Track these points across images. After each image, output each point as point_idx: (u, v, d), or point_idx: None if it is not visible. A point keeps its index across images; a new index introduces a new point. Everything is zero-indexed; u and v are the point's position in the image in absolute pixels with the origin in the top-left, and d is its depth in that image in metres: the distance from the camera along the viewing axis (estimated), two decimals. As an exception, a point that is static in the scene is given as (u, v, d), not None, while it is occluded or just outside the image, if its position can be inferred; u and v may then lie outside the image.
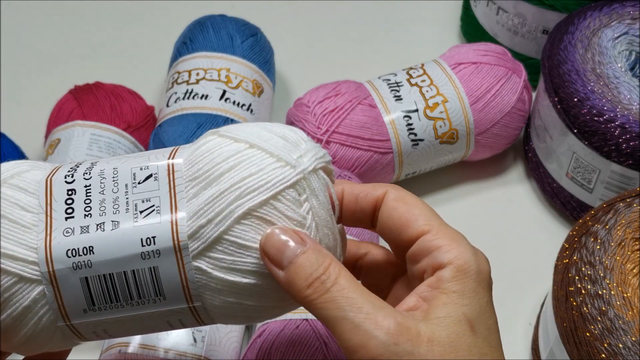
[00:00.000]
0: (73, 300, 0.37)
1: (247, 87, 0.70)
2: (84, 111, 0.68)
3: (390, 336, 0.34)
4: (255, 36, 0.75)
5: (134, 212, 0.37)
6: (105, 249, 0.37)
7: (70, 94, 0.71)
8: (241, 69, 0.71)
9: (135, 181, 0.38)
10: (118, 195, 0.38)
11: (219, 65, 0.70)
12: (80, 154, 0.65)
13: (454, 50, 0.73)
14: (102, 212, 0.37)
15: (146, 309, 0.38)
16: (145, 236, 0.37)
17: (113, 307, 0.38)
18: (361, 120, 0.67)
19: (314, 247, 0.36)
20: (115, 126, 0.68)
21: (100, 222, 0.37)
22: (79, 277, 0.37)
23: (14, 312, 0.37)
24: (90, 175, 0.39)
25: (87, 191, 0.38)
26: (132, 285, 0.37)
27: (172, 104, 0.69)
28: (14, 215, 0.37)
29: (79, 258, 0.37)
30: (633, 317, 0.52)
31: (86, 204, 0.38)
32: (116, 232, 0.37)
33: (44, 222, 0.37)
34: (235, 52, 0.72)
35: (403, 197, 0.40)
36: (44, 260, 0.37)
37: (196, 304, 0.38)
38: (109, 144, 0.66)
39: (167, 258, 0.37)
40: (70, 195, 0.38)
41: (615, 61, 0.67)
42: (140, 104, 0.71)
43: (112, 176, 0.38)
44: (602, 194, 0.66)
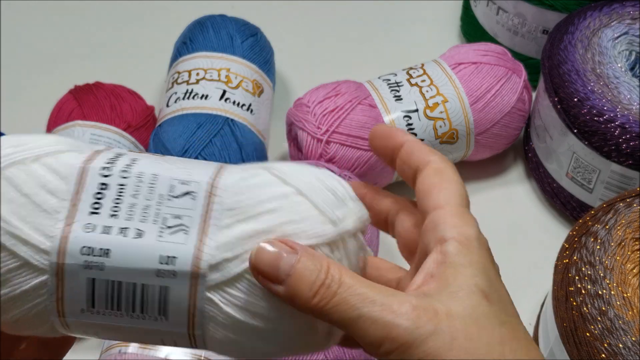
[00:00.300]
0: (73, 298, 0.36)
1: (247, 87, 0.70)
2: (84, 111, 0.68)
3: (411, 321, 0.34)
4: (255, 36, 0.75)
5: (162, 226, 0.36)
6: (122, 256, 0.35)
7: (70, 94, 0.71)
8: (241, 69, 0.71)
9: (171, 194, 0.36)
10: (150, 204, 0.36)
11: (219, 65, 0.70)
12: None
13: (454, 50, 0.73)
14: (129, 217, 0.36)
15: (144, 325, 0.37)
16: (166, 254, 0.35)
17: (112, 315, 0.36)
18: (361, 120, 0.67)
19: (306, 252, 0.35)
20: (115, 126, 0.68)
21: (125, 226, 0.36)
22: (87, 277, 0.36)
23: (10, 293, 0.36)
24: (129, 175, 0.37)
25: (120, 191, 0.36)
26: (138, 298, 0.36)
27: (172, 104, 0.69)
28: (39, 197, 0.36)
29: (93, 258, 0.35)
30: (633, 317, 0.52)
31: (115, 204, 0.36)
32: (137, 242, 0.35)
33: (67, 210, 0.36)
34: (235, 52, 0.72)
35: (443, 169, 0.40)
36: (57, 251, 0.35)
37: (197, 332, 0.37)
38: (109, 144, 0.66)
39: (181, 282, 0.35)
40: (102, 190, 0.36)
41: (615, 61, 0.67)
42: (140, 104, 0.71)
43: (150, 182, 0.37)
44: (602, 194, 0.66)
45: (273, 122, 0.75)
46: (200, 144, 0.65)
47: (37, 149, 0.37)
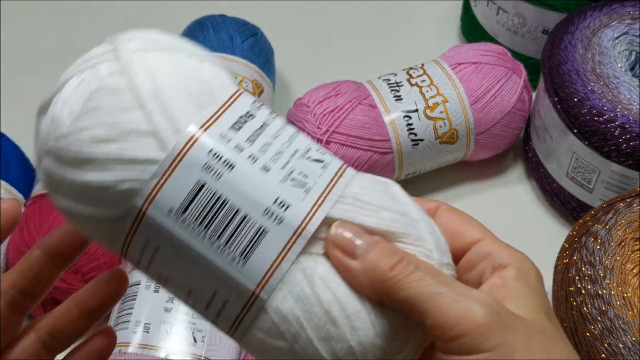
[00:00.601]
0: (172, 193, 0.34)
1: (247, 87, 0.70)
2: None
3: (492, 307, 0.33)
4: (255, 36, 0.75)
5: (287, 174, 0.35)
6: (242, 178, 0.34)
7: None
8: (241, 69, 0.71)
9: (306, 154, 0.36)
10: (284, 152, 0.36)
11: None
12: None
13: (454, 50, 0.73)
14: (261, 151, 0.35)
15: (216, 261, 0.34)
16: (282, 199, 0.34)
17: (194, 231, 0.34)
18: (361, 120, 0.67)
19: (382, 240, 0.35)
20: None
21: (255, 157, 0.35)
22: (199, 178, 0.34)
23: (119, 151, 0.34)
24: (273, 121, 0.37)
25: (263, 126, 0.36)
26: (232, 226, 0.34)
27: None
28: (196, 88, 0.35)
29: (216, 164, 0.34)
30: (633, 317, 0.52)
31: (254, 134, 0.35)
32: (262, 174, 0.34)
33: (209, 114, 0.35)
34: (235, 52, 0.72)
35: (455, 209, 0.40)
36: (186, 140, 0.34)
37: (263, 295, 0.34)
38: None
39: (282, 232, 0.34)
40: (247, 117, 0.36)
41: (615, 61, 0.67)
42: None
43: (290, 136, 0.36)
44: (602, 194, 0.66)
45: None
46: None
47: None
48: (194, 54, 0.37)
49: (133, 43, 0.36)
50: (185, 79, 0.36)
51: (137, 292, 0.58)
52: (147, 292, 0.58)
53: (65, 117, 0.35)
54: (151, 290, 0.58)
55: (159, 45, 0.37)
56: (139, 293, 0.58)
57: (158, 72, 0.35)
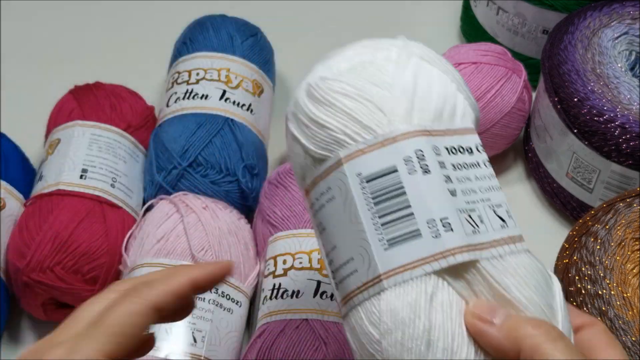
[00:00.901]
0: (368, 162, 0.39)
1: (247, 87, 0.70)
2: (84, 111, 0.68)
3: None
4: (255, 36, 0.75)
5: (467, 209, 0.39)
6: (429, 186, 0.38)
7: (70, 94, 0.71)
8: (241, 69, 0.71)
9: (494, 207, 0.40)
10: (476, 192, 0.40)
11: (219, 65, 0.70)
12: (81, 154, 0.65)
13: (454, 50, 0.73)
14: (459, 180, 0.40)
15: (369, 233, 0.38)
16: (449, 222, 0.38)
17: (366, 200, 0.39)
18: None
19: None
20: (115, 126, 0.67)
21: (451, 180, 0.39)
22: (395, 164, 0.39)
23: (351, 106, 0.40)
24: (486, 166, 0.41)
25: (473, 165, 0.41)
26: (396, 215, 0.38)
27: (172, 104, 0.69)
28: (449, 107, 0.41)
29: (416, 162, 0.39)
30: (633, 317, 0.52)
31: (462, 165, 0.40)
32: (446, 193, 0.39)
33: (441, 127, 0.40)
34: (235, 52, 0.72)
35: (610, 335, 0.41)
36: (406, 131, 0.39)
37: (384, 283, 0.37)
38: (109, 144, 0.66)
39: (431, 245, 0.37)
40: (466, 149, 0.41)
41: (615, 61, 0.67)
42: (140, 104, 0.71)
43: (491, 185, 0.41)
44: (602, 194, 0.66)
45: (273, 122, 0.75)
46: (200, 144, 0.65)
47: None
48: (459, 86, 0.43)
49: (419, 50, 0.43)
50: (440, 93, 0.41)
51: None
52: None
53: (335, 67, 0.42)
54: None
55: (433, 61, 0.43)
56: None
57: (422, 76, 0.41)
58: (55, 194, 0.62)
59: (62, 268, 0.59)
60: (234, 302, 0.60)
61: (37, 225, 0.61)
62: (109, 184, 0.64)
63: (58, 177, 0.63)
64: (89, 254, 0.60)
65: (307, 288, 0.57)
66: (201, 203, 0.62)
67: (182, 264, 0.57)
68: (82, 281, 0.60)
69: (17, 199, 0.65)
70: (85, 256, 0.60)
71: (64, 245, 0.60)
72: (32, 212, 0.62)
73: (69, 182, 0.63)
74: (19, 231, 0.62)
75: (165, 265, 0.59)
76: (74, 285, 0.60)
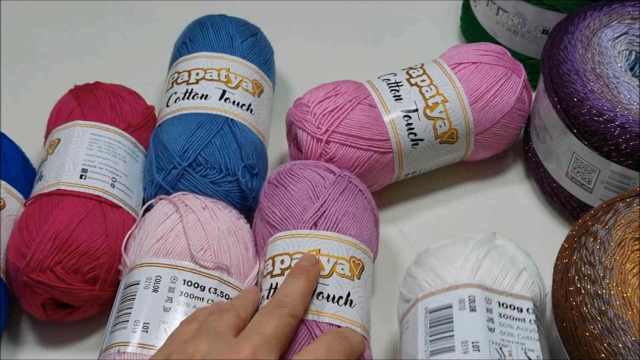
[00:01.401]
0: (433, 298, 0.56)
1: (247, 87, 0.70)
2: (84, 111, 0.68)
3: None
4: (255, 36, 0.75)
5: (498, 346, 0.52)
6: (471, 321, 0.53)
7: (70, 94, 0.71)
8: (241, 69, 0.71)
9: (525, 350, 0.53)
10: (513, 334, 0.53)
11: (219, 65, 0.70)
12: (81, 154, 0.65)
13: (454, 50, 0.73)
14: (500, 324, 0.54)
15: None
16: (478, 346, 0.52)
17: (423, 330, 0.55)
18: (361, 120, 0.67)
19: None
20: (115, 126, 0.68)
21: (493, 321, 0.53)
22: (451, 303, 0.55)
23: (440, 257, 0.58)
24: (532, 323, 0.55)
25: (518, 319, 0.54)
26: (440, 335, 0.54)
27: (172, 104, 0.69)
28: (525, 276, 0.57)
29: (466, 304, 0.54)
30: (633, 317, 0.52)
31: (508, 317, 0.54)
32: (485, 329, 0.53)
33: (499, 289, 0.56)
34: (235, 52, 0.72)
35: None
36: (468, 282, 0.56)
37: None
38: (109, 144, 0.66)
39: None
40: (517, 310, 0.55)
41: (615, 61, 0.67)
42: (140, 104, 0.71)
43: (530, 335, 0.54)
44: (602, 194, 0.66)
45: (273, 122, 0.75)
46: (200, 144, 0.65)
47: None
48: (527, 267, 0.58)
49: (500, 241, 0.59)
50: (502, 269, 0.56)
51: (136, 291, 0.58)
52: (146, 291, 0.57)
53: (435, 244, 0.61)
54: (150, 289, 0.58)
55: (505, 248, 0.59)
56: (138, 292, 0.58)
57: (490, 256, 0.57)
58: (56, 194, 0.62)
59: (62, 268, 0.59)
60: None
61: (37, 225, 0.61)
62: (109, 184, 0.64)
63: (58, 176, 0.64)
64: (89, 254, 0.60)
65: None
66: (200, 203, 0.62)
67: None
68: (82, 281, 0.60)
69: (17, 199, 0.65)
70: (85, 256, 0.60)
71: (64, 245, 0.60)
72: (32, 212, 0.62)
73: (69, 181, 0.63)
74: (19, 231, 0.62)
75: (165, 264, 0.59)
76: (74, 285, 0.60)
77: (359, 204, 0.62)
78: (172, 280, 0.58)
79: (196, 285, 0.58)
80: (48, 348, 0.64)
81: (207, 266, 0.59)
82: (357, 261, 0.59)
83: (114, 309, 0.59)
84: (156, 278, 0.58)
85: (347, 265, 0.58)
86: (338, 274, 0.57)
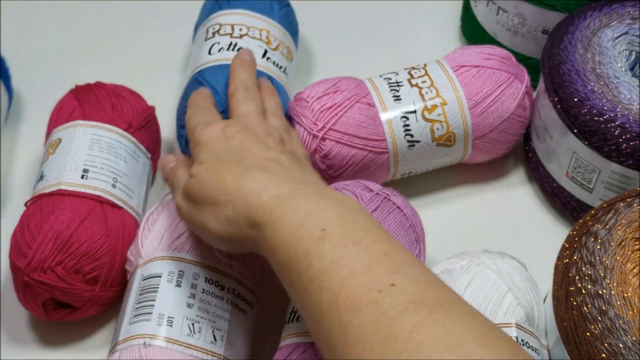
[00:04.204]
0: None
1: (283, 52, 0.72)
2: (85, 111, 0.68)
3: None
4: (289, 7, 0.77)
5: None
6: None
7: (71, 94, 0.71)
8: (279, 34, 0.73)
9: None
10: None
11: (261, 25, 0.72)
12: (82, 154, 0.65)
13: (459, 52, 0.72)
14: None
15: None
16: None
17: None
18: (358, 119, 0.67)
19: None
20: (116, 126, 0.68)
21: None
22: None
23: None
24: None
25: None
26: None
27: (216, 53, 0.70)
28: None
29: None
30: (633, 317, 0.52)
31: None
32: None
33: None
34: (274, 17, 0.74)
35: None
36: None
37: None
38: (110, 144, 0.66)
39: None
40: None
41: (615, 61, 0.67)
42: (141, 104, 0.71)
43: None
44: (602, 194, 0.66)
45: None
46: None
47: None
48: (511, 289, 0.58)
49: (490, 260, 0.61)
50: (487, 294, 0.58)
51: (159, 284, 0.57)
52: (170, 285, 0.57)
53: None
54: (173, 284, 0.57)
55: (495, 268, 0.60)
56: (161, 285, 0.57)
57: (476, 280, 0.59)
58: (57, 194, 0.62)
59: (63, 268, 0.59)
60: (247, 303, 0.60)
61: (39, 225, 0.61)
62: (110, 184, 0.64)
63: (59, 176, 0.63)
64: (90, 254, 0.60)
65: None
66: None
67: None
68: (83, 281, 0.60)
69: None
70: (87, 256, 0.60)
71: (65, 245, 0.60)
72: (33, 211, 0.62)
73: (71, 182, 0.63)
74: (20, 230, 0.62)
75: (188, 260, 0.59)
76: (75, 285, 0.60)
77: (392, 221, 0.61)
78: (195, 277, 0.58)
79: (216, 284, 0.58)
80: (48, 348, 0.64)
81: (228, 267, 0.59)
82: None
83: (129, 299, 0.59)
84: (179, 273, 0.58)
85: None
86: None
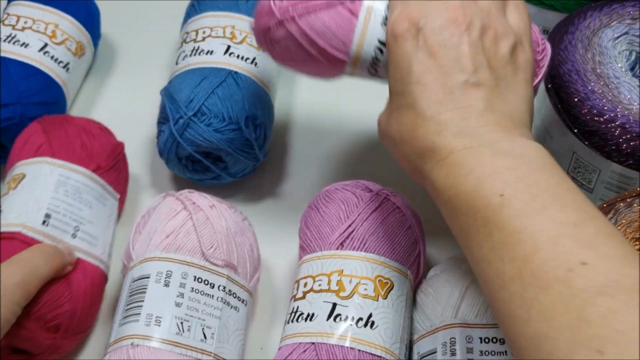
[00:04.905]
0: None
1: (252, 42, 0.73)
2: (53, 148, 0.65)
3: None
4: None
5: None
6: None
7: (39, 125, 0.67)
8: (246, 26, 0.73)
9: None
10: None
11: (225, 23, 0.73)
12: (46, 196, 0.62)
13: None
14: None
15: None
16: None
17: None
18: (327, 24, 0.56)
19: None
20: (84, 167, 0.65)
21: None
22: None
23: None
24: None
25: None
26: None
27: (180, 62, 0.73)
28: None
29: None
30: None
31: None
32: None
33: None
34: (240, 10, 0.75)
35: None
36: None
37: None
38: (77, 188, 0.63)
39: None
40: None
41: (615, 61, 0.67)
42: (110, 142, 0.68)
43: None
44: (602, 194, 0.66)
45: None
46: (204, 95, 0.68)
47: None
48: None
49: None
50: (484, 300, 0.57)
51: (147, 285, 0.57)
52: (158, 285, 0.57)
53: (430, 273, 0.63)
54: (161, 284, 0.57)
55: None
56: (149, 286, 0.57)
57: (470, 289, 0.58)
58: (18, 239, 0.59)
59: (23, 316, 0.56)
60: (240, 300, 0.60)
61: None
62: (70, 234, 0.61)
63: (20, 217, 0.60)
64: (50, 303, 0.58)
65: (322, 311, 0.57)
66: (208, 202, 0.62)
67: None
68: (44, 329, 0.58)
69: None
70: (47, 305, 0.58)
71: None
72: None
73: (31, 226, 0.60)
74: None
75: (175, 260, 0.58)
76: (35, 333, 0.58)
77: (392, 221, 0.61)
78: (183, 276, 0.58)
79: (206, 282, 0.58)
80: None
81: (217, 264, 0.59)
82: (385, 280, 0.58)
83: (120, 302, 0.59)
84: (167, 273, 0.58)
85: (371, 285, 0.57)
86: (360, 295, 0.57)
